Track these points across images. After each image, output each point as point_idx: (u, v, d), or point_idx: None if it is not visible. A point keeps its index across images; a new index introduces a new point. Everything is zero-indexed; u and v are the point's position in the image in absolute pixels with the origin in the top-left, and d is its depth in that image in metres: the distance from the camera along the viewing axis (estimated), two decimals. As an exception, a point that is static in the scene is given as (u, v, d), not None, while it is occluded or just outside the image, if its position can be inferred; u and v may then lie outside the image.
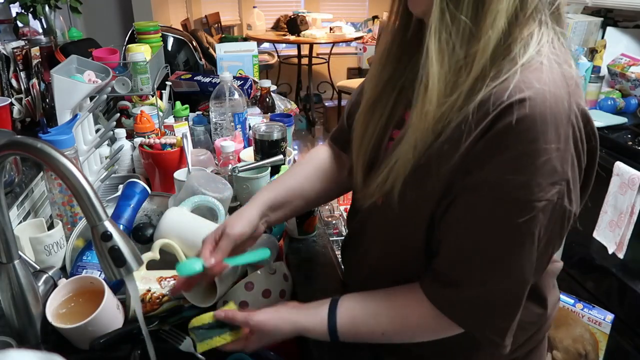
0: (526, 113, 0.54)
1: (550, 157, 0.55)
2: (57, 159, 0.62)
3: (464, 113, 0.58)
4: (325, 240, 1.11)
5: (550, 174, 0.55)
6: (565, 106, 0.56)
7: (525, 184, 0.55)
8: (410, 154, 0.62)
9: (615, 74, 2.22)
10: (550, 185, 0.56)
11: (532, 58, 0.58)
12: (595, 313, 1.85)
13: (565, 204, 0.58)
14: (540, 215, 0.57)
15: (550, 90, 0.55)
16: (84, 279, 0.85)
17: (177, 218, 0.97)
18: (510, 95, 0.55)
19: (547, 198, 0.56)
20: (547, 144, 0.54)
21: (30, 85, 1.43)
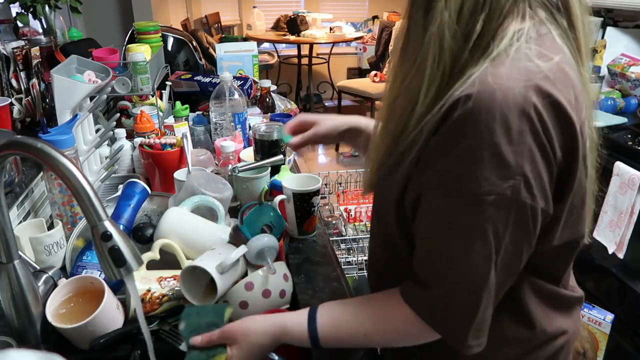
0: (470, 107, 0.54)
1: (499, 151, 0.53)
2: (57, 159, 0.62)
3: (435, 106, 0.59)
4: (325, 240, 1.11)
5: (499, 167, 0.54)
6: (519, 100, 0.53)
7: (472, 177, 0.55)
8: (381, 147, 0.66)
9: (615, 74, 2.23)
10: (501, 180, 0.54)
11: (501, 53, 0.56)
12: (595, 313, 1.85)
13: (524, 199, 0.55)
14: (492, 210, 0.55)
15: (501, 84, 0.54)
16: (84, 279, 0.85)
17: (177, 218, 0.97)
18: (461, 91, 0.55)
19: (497, 192, 0.54)
20: (494, 138, 0.53)
21: (30, 85, 1.44)
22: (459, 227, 0.58)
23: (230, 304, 0.81)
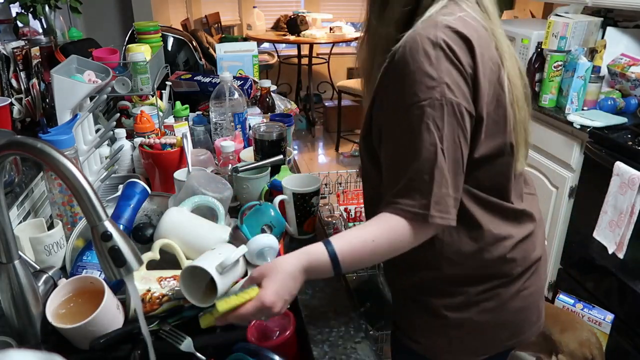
0: (401, 50, 0.76)
1: (422, 70, 0.74)
2: (57, 159, 0.62)
3: None
4: (325, 240, 1.11)
5: (426, 81, 0.74)
6: (430, 36, 0.75)
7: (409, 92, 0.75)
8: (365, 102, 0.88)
9: (615, 74, 2.22)
10: (430, 89, 0.74)
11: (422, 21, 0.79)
12: (595, 313, 1.85)
13: (450, 97, 0.74)
14: (429, 110, 0.74)
15: (418, 32, 0.76)
16: (84, 279, 0.85)
17: (177, 218, 0.97)
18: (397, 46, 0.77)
19: (429, 96, 0.74)
20: (417, 63, 0.74)
21: (30, 85, 1.43)
22: (407, 129, 0.76)
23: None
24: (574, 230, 2.14)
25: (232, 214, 1.12)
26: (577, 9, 2.54)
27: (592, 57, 2.31)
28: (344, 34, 4.83)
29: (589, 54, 2.34)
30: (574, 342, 1.62)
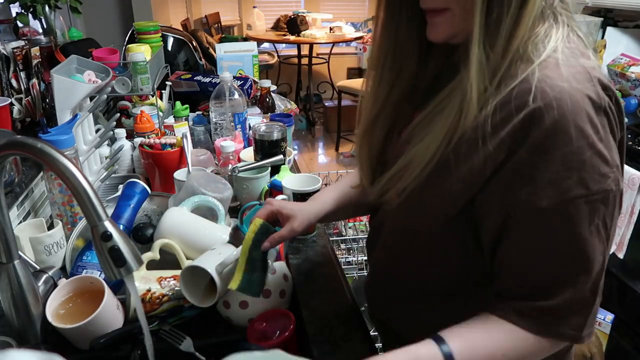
0: (557, 115, 0.55)
1: (597, 150, 0.56)
2: (57, 159, 0.62)
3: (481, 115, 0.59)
4: (325, 240, 1.11)
5: (601, 165, 0.56)
6: (595, 98, 0.57)
7: (579, 181, 0.56)
8: (427, 155, 0.63)
9: (615, 74, 2.22)
10: (604, 176, 0.57)
11: (549, 56, 0.59)
12: (595, 313, 1.85)
13: (621, 187, 0.60)
14: (602, 207, 0.58)
15: (574, 85, 0.56)
16: (84, 279, 0.85)
17: (177, 218, 0.97)
18: (535, 97, 0.56)
19: (604, 189, 0.57)
20: (589, 138, 0.55)
21: (30, 85, 1.43)
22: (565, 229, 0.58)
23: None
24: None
25: (232, 214, 1.12)
26: (577, 9, 2.54)
27: (592, 57, 2.31)
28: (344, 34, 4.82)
29: (589, 54, 2.33)
30: (573, 341, 1.63)
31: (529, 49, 0.59)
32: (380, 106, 0.74)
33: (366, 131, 0.76)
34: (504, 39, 0.58)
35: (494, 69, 0.59)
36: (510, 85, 0.58)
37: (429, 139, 0.63)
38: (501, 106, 0.58)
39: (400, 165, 0.66)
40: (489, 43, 0.58)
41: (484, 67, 0.58)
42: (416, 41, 0.70)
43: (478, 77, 0.58)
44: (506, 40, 0.58)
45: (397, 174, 0.67)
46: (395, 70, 0.72)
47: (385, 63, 0.72)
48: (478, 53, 0.58)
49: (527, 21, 0.58)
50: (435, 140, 0.62)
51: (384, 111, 0.74)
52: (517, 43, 0.58)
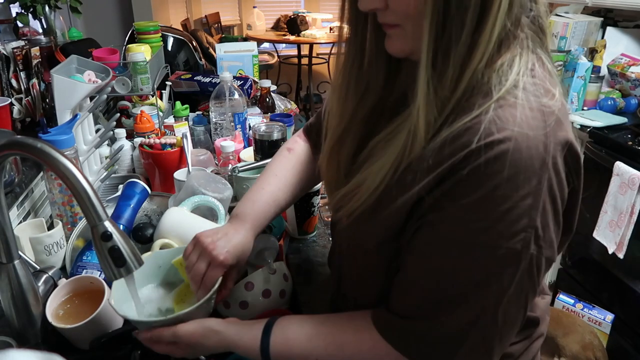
0: (493, 157, 0.52)
1: (516, 205, 0.53)
2: (57, 159, 0.62)
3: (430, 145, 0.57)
4: (325, 240, 1.11)
5: (513, 222, 0.53)
6: (540, 150, 0.53)
7: (484, 230, 0.54)
8: (376, 180, 0.61)
9: (615, 74, 2.23)
10: (513, 234, 0.54)
11: (508, 92, 0.55)
12: (595, 313, 1.85)
13: (532, 251, 0.55)
14: (499, 262, 0.55)
15: (523, 132, 0.52)
16: (84, 279, 0.85)
17: (177, 218, 0.97)
18: (480, 138, 0.53)
19: (507, 246, 0.54)
20: (513, 191, 0.52)
21: (30, 85, 1.43)
22: (462, 271, 0.57)
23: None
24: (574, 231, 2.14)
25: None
26: (577, 9, 2.54)
27: (592, 57, 2.31)
28: (344, 34, 4.82)
29: (589, 54, 2.34)
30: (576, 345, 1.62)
31: (492, 81, 0.55)
32: (346, 123, 0.71)
33: (334, 148, 0.73)
34: (455, 69, 0.54)
35: (444, 100, 0.56)
36: (463, 120, 0.54)
37: (380, 164, 0.61)
38: (449, 142, 0.55)
39: (352, 185, 0.65)
40: (438, 73, 0.55)
41: (432, 99, 0.55)
42: (383, 55, 0.66)
43: (424, 109, 0.55)
44: (457, 70, 0.54)
45: (350, 193, 0.65)
46: (362, 86, 0.69)
47: (351, 78, 0.69)
48: (425, 84, 0.55)
49: (482, 50, 0.54)
50: (384, 167, 0.60)
51: (352, 127, 0.71)
52: (470, 74, 0.55)
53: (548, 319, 0.81)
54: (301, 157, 0.91)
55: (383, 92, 0.69)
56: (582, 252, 2.08)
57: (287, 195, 0.87)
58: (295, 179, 0.88)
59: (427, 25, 0.53)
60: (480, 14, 0.53)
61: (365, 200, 0.62)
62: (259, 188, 0.86)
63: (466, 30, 0.53)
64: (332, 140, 0.73)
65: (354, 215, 0.65)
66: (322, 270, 1.00)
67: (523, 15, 0.58)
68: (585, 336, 1.65)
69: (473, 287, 0.57)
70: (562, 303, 1.92)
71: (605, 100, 2.16)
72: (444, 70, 0.55)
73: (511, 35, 0.57)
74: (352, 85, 0.69)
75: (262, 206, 0.83)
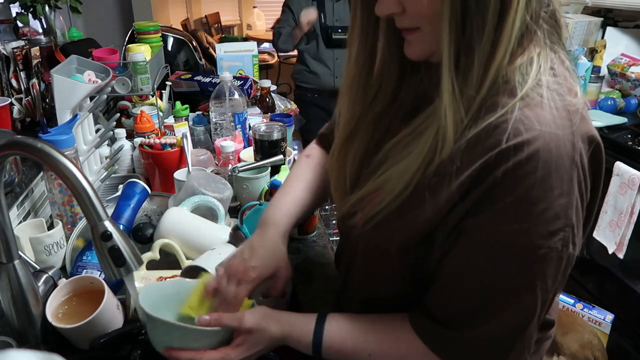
0: (525, 159, 0.52)
1: (552, 205, 0.53)
2: (57, 159, 0.62)
3: (456, 145, 0.56)
4: (325, 240, 1.11)
5: (551, 221, 0.53)
6: (569, 148, 0.53)
7: (523, 231, 0.54)
8: (401, 183, 0.60)
9: (615, 74, 2.22)
10: (552, 234, 0.54)
11: (532, 90, 0.55)
12: (595, 313, 1.85)
13: (570, 250, 0.56)
14: (542, 263, 0.55)
15: (552, 132, 0.53)
16: (84, 279, 0.85)
17: (177, 218, 0.97)
18: (508, 138, 0.53)
19: (548, 246, 0.54)
20: (548, 191, 0.52)
21: (30, 85, 1.43)
22: (505, 275, 0.57)
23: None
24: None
25: (232, 214, 1.12)
26: (577, 9, 2.54)
27: (592, 57, 2.31)
28: (344, 34, 4.82)
29: (589, 54, 2.34)
30: (575, 344, 1.62)
31: (515, 78, 0.55)
32: (354, 124, 0.71)
33: (342, 149, 0.73)
34: (479, 67, 0.54)
35: (470, 99, 0.55)
36: (488, 119, 0.54)
37: (403, 166, 0.60)
38: (475, 142, 0.55)
39: (370, 188, 0.64)
40: (462, 73, 0.54)
41: (458, 98, 0.55)
42: (396, 57, 0.66)
43: (452, 108, 0.55)
44: (482, 68, 0.54)
45: (366, 197, 0.65)
46: (372, 90, 0.69)
47: (360, 83, 0.68)
48: (449, 85, 0.54)
49: (504, 46, 0.53)
50: (409, 169, 0.59)
51: (360, 129, 0.71)
52: (496, 71, 0.54)
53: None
54: (321, 160, 0.90)
55: (394, 95, 0.69)
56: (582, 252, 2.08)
57: (309, 194, 0.85)
58: (318, 180, 0.87)
59: (446, 26, 0.53)
60: (501, 10, 0.52)
61: (389, 204, 0.61)
62: (283, 192, 0.85)
63: (488, 27, 0.53)
64: (340, 140, 0.73)
65: (375, 220, 0.63)
66: (322, 270, 1.00)
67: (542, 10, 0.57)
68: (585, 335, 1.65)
69: (518, 291, 0.57)
70: (562, 303, 1.92)
71: (605, 100, 2.16)
72: (468, 70, 0.54)
73: (532, 30, 0.56)
74: (362, 89, 0.69)
75: (285, 207, 0.82)
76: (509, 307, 0.57)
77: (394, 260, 0.65)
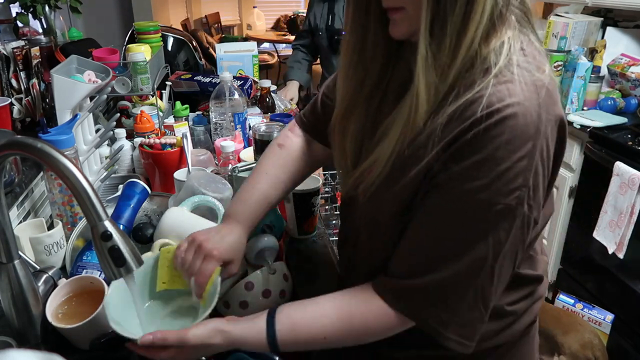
0: (494, 123, 0.58)
1: (513, 166, 0.58)
2: (57, 159, 0.62)
3: (436, 121, 0.61)
4: (325, 240, 1.11)
5: (511, 180, 0.59)
6: (534, 117, 0.59)
7: (485, 187, 0.59)
8: (387, 153, 0.66)
9: (615, 74, 2.23)
10: (510, 192, 0.59)
11: (504, 67, 0.60)
12: (595, 313, 1.85)
13: (525, 210, 0.61)
14: (496, 217, 0.60)
15: (520, 102, 0.58)
16: (84, 279, 0.85)
17: (177, 218, 0.97)
18: (482, 108, 0.58)
19: (504, 202, 0.59)
20: (512, 153, 0.58)
21: (30, 85, 1.43)
22: (461, 227, 0.62)
23: None
24: (574, 230, 2.14)
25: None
26: (577, 9, 2.54)
27: (592, 57, 2.31)
28: (344, 34, 4.82)
29: (589, 54, 2.34)
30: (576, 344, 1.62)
31: (490, 59, 0.60)
32: (349, 99, 0.75)
33: (341, 122, 0.77)
34: (452, 37, 0.59)
35: (443, 67, 0.60)
36: (466, 96, 0.60)
37: (389, 137, 0.66)
38: (456, 116, 0.60)
39: (369, 162, 0.69)
40: (436, 40, 0.60)
41: (430, 63, 0.60)
42: (382, 42, 0.71)
43: (425, 71, 0.60)
44: (454, 38, 0.59)
45: (366, 170, 0.70)
46: (362, 68, 0.73)
47: (352, 61, 0.73)
48: (423, 48, 0.60)
49: (475, 21, 0.59)
50: (393, 139, 0.65)
51: (357, 105, 0.75)
52: (467, 45, 0.59)
53: (547, 282, 0.84)
54: (292, 153, 0.91)
55: (381, 76, 0.74)
56: (582, 252, 2.08)
57: (278, 192, 0.88)
58: (286, 175, 0.89)
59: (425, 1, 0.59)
60: None
61: (380, 174, 0.67)
62: (250, 187, 0.87)
63: (459, 1, 0.58)
64: (338, 117, 0.77)
65: (370, 191, 0.68)
66: (322, 270, 1.00)
67: None
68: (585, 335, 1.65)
69: (471, 241, 0.61)
70: (562, 303, 1.92)
71: (605, 100, 2.16)
72: (442, 38, 0.59)
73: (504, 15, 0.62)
74: (353, 68, 0.73)
75: (253, 205, 0.85)
76: (462, 256, 0.62)
77: (388, 231, 0.69)
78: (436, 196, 0.63)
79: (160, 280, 0.81)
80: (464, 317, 0.64)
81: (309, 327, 0.69)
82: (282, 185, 0.89)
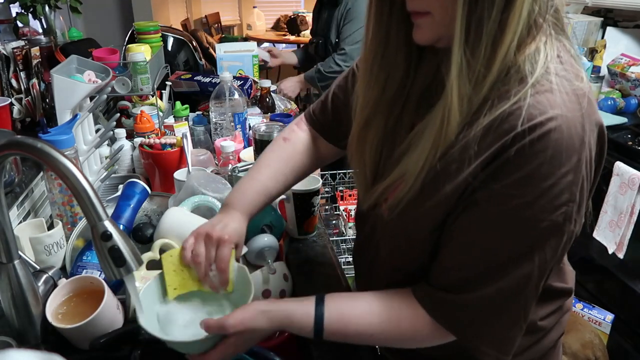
0: (537, 138, 0.55)
1: (559, 181, 0.56)
2: (57, 159, 0.62)
3: (470, 134, 0.59)
4: (325, 240, 1.11)
5: (556, 196, 0.57)
6: (579, 130, 0.56)
7: (529, 204, 0.57)
8: (417, 167, 0.63)
9: (615, 74, 2.23)
10: (556, 208, 0.57)
11: (541, 77, 0.58)
12: (595, 313, 1.85)
13: (571, 226, 0.59)
14: (543, 234, 0.58)
15: (563, 114, 0.56)
16: (84, 279, 0.85)
17: (177, 218, 0.97)
18: (523, 122, 0.56)
19: (550, 219, 0.57)
20: (556, 168, 0.56)
21: (30, 85, 1.43)
22: (506, 244, 0.60)
23: None
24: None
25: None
26: (577, 9, 2.54)
27: (592, 57, 2.31)
28: (344, 34, 4.82)
29: (589, 54, 2.34)
30: (576, 344, 1.62)
31: (525, 68, 0.58)
32: (371, 108, 0.73)
33: (361, 132, 0.75)
34: (487, 45, 0.56)
35: (478, 75, 0.57)
36: (502, 107, 0.57)
37: (419, 150, 0.63)
38: (493, 129, 0.58)
39: (395, 176, 0.67)
40: (471, 47, 0.57)
41: (465, 71, 0.57)
42: (404, 48, 0.68)
43: (458, 81, 0.57)
44: (489, 46, 0.56)
45: (392, 186, 0.67)
46: (383, 75, 0.70)
47: (374, 67, 0.70)
48: (458, 56, 0.57)
49: (512, 29, 0.56)
50: (423, 152, 0.62)
51: (377, 113, 0.73)
52: (503, 53, 0.57)
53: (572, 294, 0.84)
54: (297, 147, 0.90)
55: (403, 82, 0.71)
56: (582, 252, 2.08)
57: (278, 184, 0.86)
58: (288, 169, 0.88)
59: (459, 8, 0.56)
60: None
61: (409, 190, 0.64)
62: (250, 178, 0.86)
63: (496, 7, 0.55)
64: (358, 126, 0.75)
65: (399, 207, 0.66)
66: (322, 270, 1.00)
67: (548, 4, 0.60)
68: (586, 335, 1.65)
69: (517, 259, 0.59)
70: (562, 303, 1.92)
71: (605, 100, 2.16)
72: (477, 45, 0.57)
73: (539, 22, 0.59)
74: (375, 74, 0.71)
75: (252, 195, 0.83)
76: (508, 274, 0.60)
77: (420, 247, 0.67)
78: (477, 213, 0.60)
79: (171, 287, 0.75)
80: (505, 333, 0.63)
81: (357, 322, 0.68)
82: (283, 177, 0.87)
